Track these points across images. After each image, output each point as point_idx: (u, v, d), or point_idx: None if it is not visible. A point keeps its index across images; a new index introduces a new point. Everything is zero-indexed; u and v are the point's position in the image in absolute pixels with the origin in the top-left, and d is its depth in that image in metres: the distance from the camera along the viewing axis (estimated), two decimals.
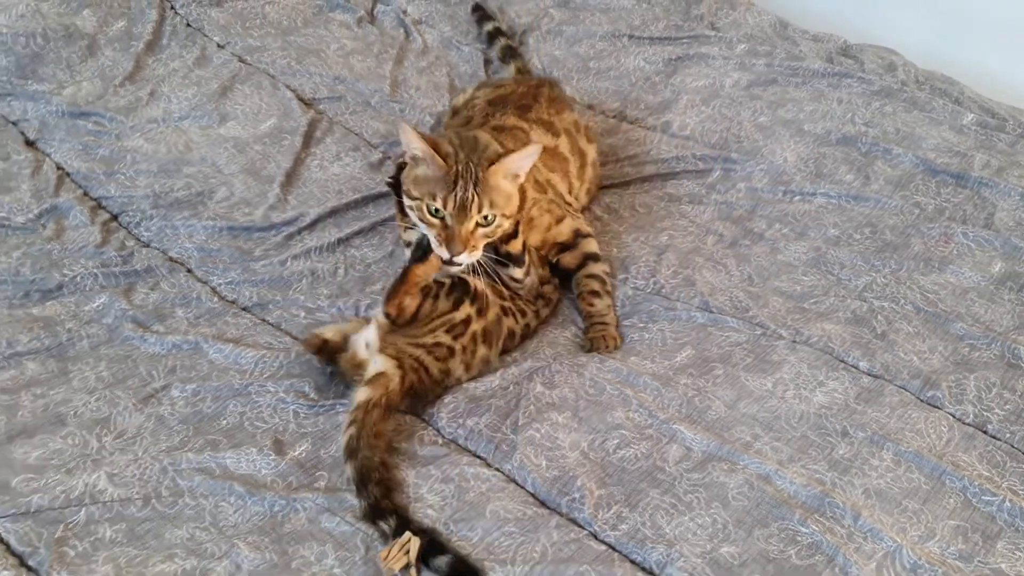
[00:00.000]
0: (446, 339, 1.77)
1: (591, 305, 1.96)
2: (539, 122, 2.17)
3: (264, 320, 1.93)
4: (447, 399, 1.75)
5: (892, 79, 2.66)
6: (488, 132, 1.98)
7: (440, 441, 1.70)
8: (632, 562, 1.48)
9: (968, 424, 1.70)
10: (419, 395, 1.75)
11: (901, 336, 1.87)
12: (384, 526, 1.50)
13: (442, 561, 1.46)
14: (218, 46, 2.71)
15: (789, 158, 2.37)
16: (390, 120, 2.52)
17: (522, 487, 1.61)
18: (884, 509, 1.55)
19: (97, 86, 2.53)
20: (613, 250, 2.13)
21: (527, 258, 1.92)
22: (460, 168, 1.75)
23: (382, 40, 2.85)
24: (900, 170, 2.31)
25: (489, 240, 1.82)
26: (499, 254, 1.88)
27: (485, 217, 1.77)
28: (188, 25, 2.75)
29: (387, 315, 1.75)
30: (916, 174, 2.29)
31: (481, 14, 2.93)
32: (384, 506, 1.53)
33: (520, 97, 2.23)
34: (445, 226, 1.77)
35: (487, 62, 2.80)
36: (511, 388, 1.79)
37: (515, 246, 1.89)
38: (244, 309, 1.96)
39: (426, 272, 1.79)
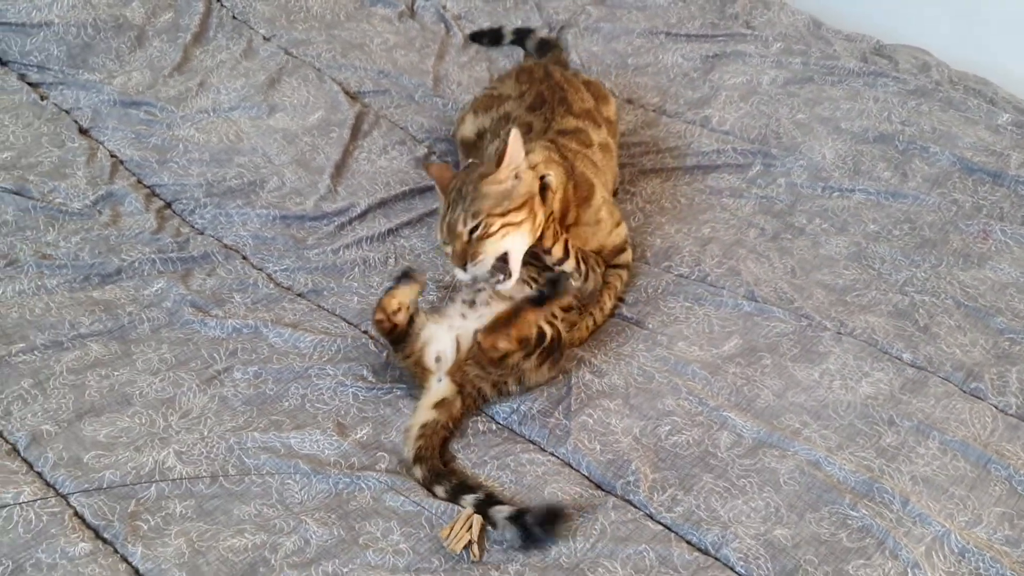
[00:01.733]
0: (512, 382, 1.79)
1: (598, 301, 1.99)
2: (585, 115, 2.21)
3: (319, 306, 1.98)
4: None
5: (926, 79, 2.69)
6: (553, 138, 2.04)
7: (494, 427, 1.75)
8: (688, 542, 1.53)
9: (1011, 415, 1.74)
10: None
11: (943, 329, 1.91)
12: (464, 502, 1.57)
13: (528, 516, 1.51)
14: (264, 38, 2.76)
15: (827, 155, 2.41)
16: (434, 115, 2.56)
17: (577, 470, 1.66)
18: (931, 495, 1.59)
19: (146, 76, 2.57)
20: (657, 240, 2.18)
21: (581, 266, 1.92)
22: (452, 197, 1.80)
23: (423, 35, 2.89)
24: (937, 168, 2.35)
25: (493, 242, 1.76)
26: (550, 271, 1.89)
27: (475, 228, 1.76)
28: (234, 17, 2.79)
29: (479, 344, 1.72)
30: (953, 172, 2.33)
31: (492, 36, 2.96)
32: (456, 484, 1.60)
33: (552, 91, 2.26)
34: (449, 250, 1.80)
35: (527, 56, 2.84)
36: (560, 376, 1.83)
37: (556, 252, 1.88)
38: (300, 295, 2.01)
39: (537, 318, 1.74)
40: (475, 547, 1.49)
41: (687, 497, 1.59)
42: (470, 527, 1.50)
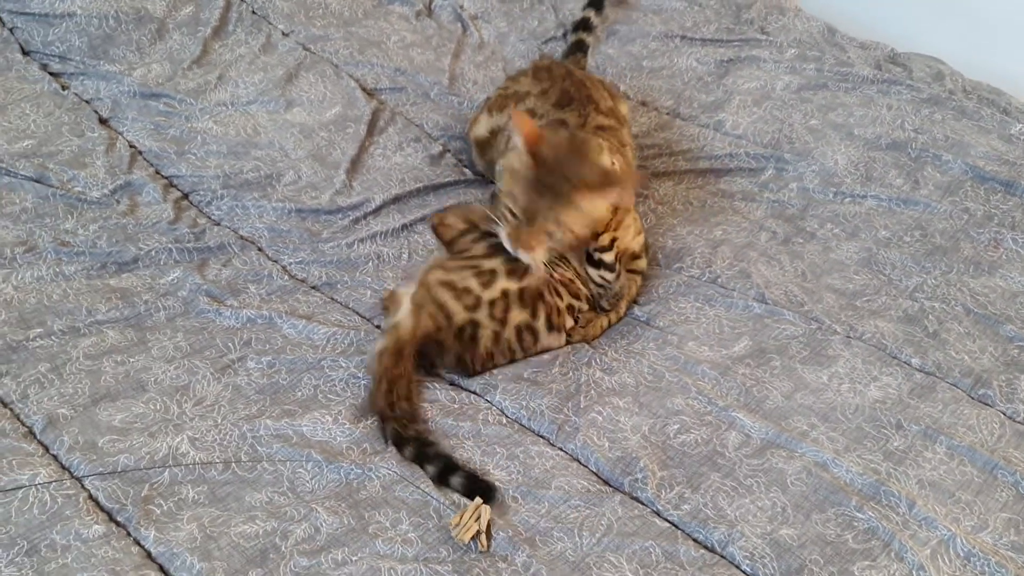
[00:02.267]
0: (474, 284, 1.83)
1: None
2: (611, 113, 2.22)
3: (333, 299, 2.00)
4: (509, 385, 1.82)
5: (940, 87, 2.70)
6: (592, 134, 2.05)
7: (504, 421, 1.76)
8: (695, 540, 1.54)
9: (1019, 422, 1.75)
10: (440, 344, 1.82)
11: (952, 336, 1.93)
12: (407, 452, 1.65)
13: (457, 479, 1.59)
14: (283, 34, 2.78)
15: (840, 161, 2.42)
16: (449, 113, 2.58)
17: (585, 466, 1.68)
18: (938, 499, 1.60)
19: (166, 68, 2.60)
20: (668, 242, 2.19)
21: (617, 264, 1.97)
22: (541, 176, 1.78)
23: (440, 34, 2.91)
24: (949, 176, 2.36)
25: (553, 247, 1.84)
26: (591, 258, 1.94)
27: (551, 234, 1.81)
28: (254, 12, 2.81)
29: (431, 224, 1.97)
30: (965, 180, 2.34)
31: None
32: (408, 434, 1.66)
33: (577, 89, 2.27)
34: (516, 224, 1.82)
35: (541, 58, 2.86)
36: (570, 374, 1.85)
37: (608, 257, 1.94)
38: (314, 288, 2.03)
39: (480, 213, 1.91)
40: (483, 537, 1.51)
41: (694, 495, 1.61)
42: (478, 517, 1.52)
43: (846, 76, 2.74)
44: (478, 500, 1.55)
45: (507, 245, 1.85)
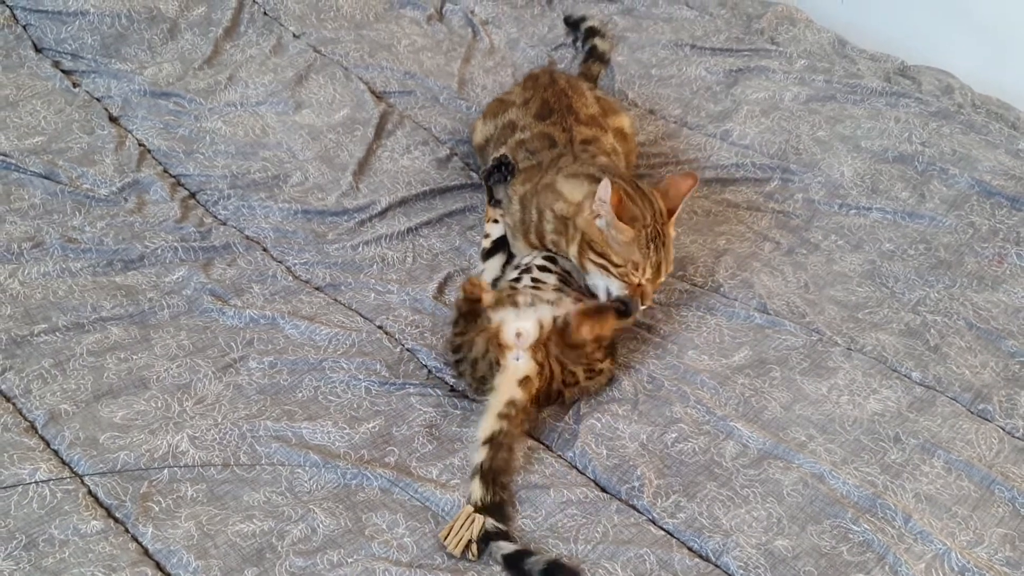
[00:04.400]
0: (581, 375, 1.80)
1: None
2: (591, 121, 2.24)
3: (336, 300, 2.00)
4: None
5: (949, 101, 2.70)
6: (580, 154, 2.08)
7: None
8: (689, 549, 1.55)
9: (1018, 438, 1.75)
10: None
11: (953, 350, 1.92)
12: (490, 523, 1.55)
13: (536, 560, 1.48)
14: (294, 36, 2.80)
15: (846, 172, 2.42)
16: (458, 117, 2.59)
17: (583, 473, 1.68)
18: (934, 513, 1.60)
19: (177, 68, 2.62)
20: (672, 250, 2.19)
21: None
22: (649, 232, 1.83)
23: (450, 38, 2.92)
24: (955, 190, 2.36)
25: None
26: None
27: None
28: (265, 14, 2.83)
29: (565, 323, 1.76)
30: (971, 195, 2.34)
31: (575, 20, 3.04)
32: (498, 501, 1.59)
33: (557, 98, 2.27)
34: (639, 284, 1.84)
35: (551, 64, 2.87)
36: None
37: None
38: (317, 289, 2.03)
39: (619, 327, 1.84)
40: (474, 546, 1.51)
41: (690, 504, 1.61)
42: (470, 525, 1.52)
43: (855, 88, 2.74)
44: (468, 508, 1.55)
45: (634, 304, 1.84)
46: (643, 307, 1.87)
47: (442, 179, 2.37)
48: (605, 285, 1.87)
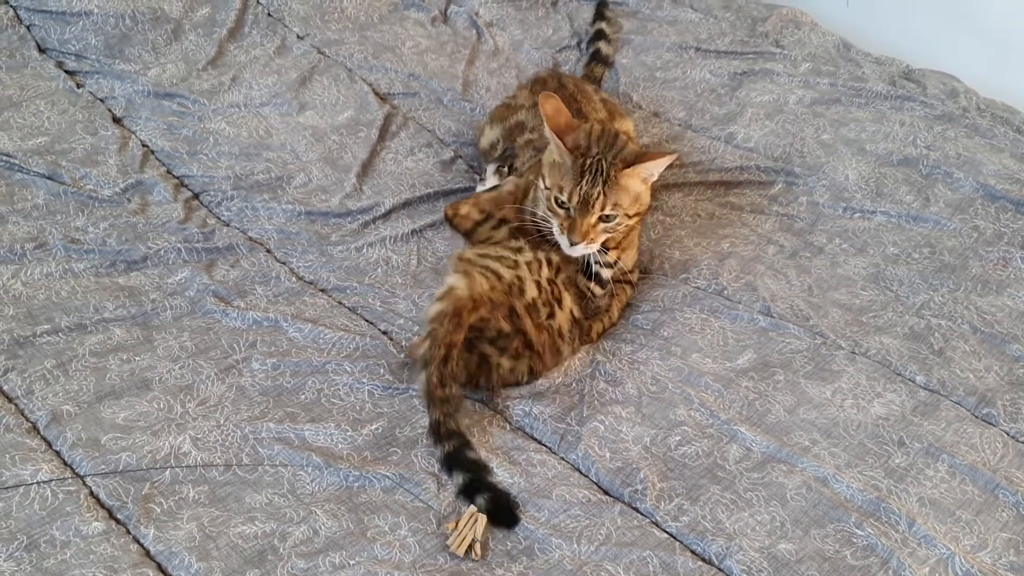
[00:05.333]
0: (509, 254, 1.87)
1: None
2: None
3: (341, 303, 2.00)
4: (513, 392, 1.82)
5: (954, 105, 2.70)
6: None
7: (508, 428, 1.77)
8: (692, 552, 1.54)
9: (1022, 442, 1.75)
10: (494, 304, 1.79)
11: (958, 354, 1.92)
12: (445, 447, 1.63)
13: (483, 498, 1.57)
14: (298, 37, 2.80)
15: (850, 176, 2.41)
16: (462, 119, 2.59)
17: (586, 476, 1.68)
18: (938, 518, 1.59)
19: (181, 69, 2.62)
20: (675, 253, 2.19)
21: (610, 286, 1.98)
22: (589, 162, 1.81)
23: (455, 40, 2.92)
24: (960, 194, 2.35)
25: (608, 235, 1.88)
26: (589, 271, 1.95)
27: (607, 216, 1.84)
28: (269, 15, 2.83)
29: (445, 216, 2.00)
30: (976, 198, 2.33)
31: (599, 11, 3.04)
32: (448, 427, 1.65)
33: (567, 103, 2.28)
34: (568, 216, 1.84)
35: (555, 66, 2.86)
36: (574, 385, 1.85)
37: (606, 274, 1.96)
38: (322, 291, 2.03)
39: (491, 201, 1.96)
40: (477, 546, 1.51)
41: (693, 507, 1.61)
42: (474, 524, 1.52)
43: (860, 91, 2.74)
44: (473, 508, 1.55)
45: (563, 241, 1.85)
46: (572, 245, 1.83)
47: (446, 181, 2.36)
48: (543, 213, 1.89)
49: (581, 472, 1.68)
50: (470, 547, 1.51)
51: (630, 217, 1.87)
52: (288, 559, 1.48)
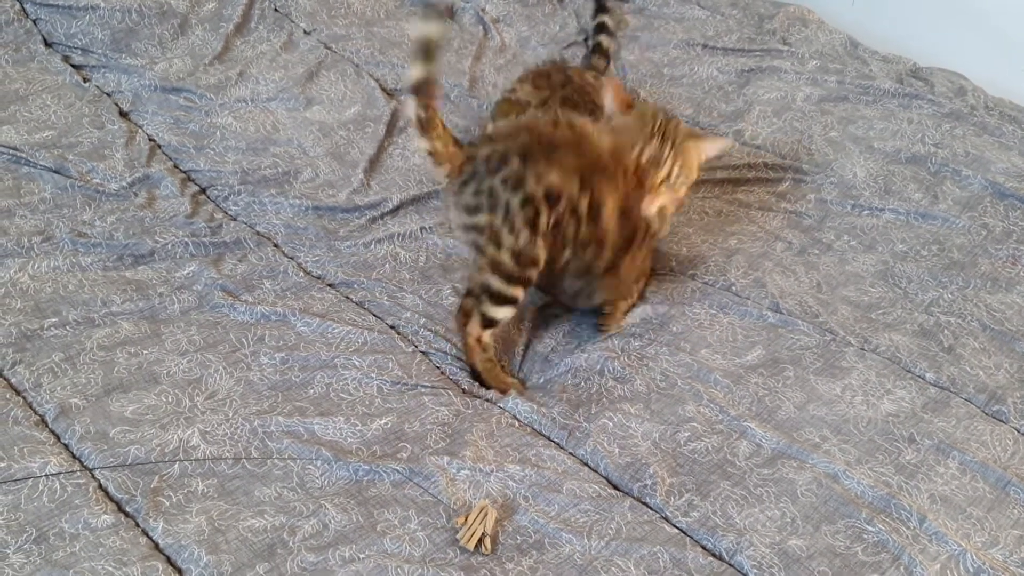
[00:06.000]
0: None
1: None
2: None
3: (348, 298, 2.00)
4: (524, 391, 1.81)
5: (962, 103, 2.69)
6: None
7: (517, 425, 1.76)
8: (703, 547, 1.54)
9: None
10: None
11: (967, 351, 1.91)
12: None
13: None
14: (304, 32, 2.79)
15: (859, 173, 2.41)
16: (469, 116, 2.59)
17: (595, 471, 1.67)
18: (949, 514, 1.59)
19: (187, 63, 2.61)
20: (683, 249, 2.19)
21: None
22: (658, 125, 1.89)
23: (461, 36, 2.92)
24: (969, 191, 2.35)
25: (667, 198, 1.94)
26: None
27: (669, 177, 1.91)
28: (276, 10, 2.83)
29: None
30: (984, 196, 2.33)
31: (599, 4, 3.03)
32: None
33: (579, 95, 2.29)
34: None
35: (561, 61, 2.86)
36: (582, 384, 1.84)
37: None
38: (330, 285, 2.03)
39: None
40: (487, 540, 1.50)
41: (704, 503, 1.60)
42: (484, 518, 1.52)
43: (867, 89, 2.74)
44: (484, 502, 1.54)
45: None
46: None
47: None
48: None
49: (591, 467, 1.68)
50: (480, 541, 1.51)
51: (680, 190, 1.95)
52: (298, 553, 1.47)
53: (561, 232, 1.83)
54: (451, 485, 1.60)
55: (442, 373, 1.86)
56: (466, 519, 1.53)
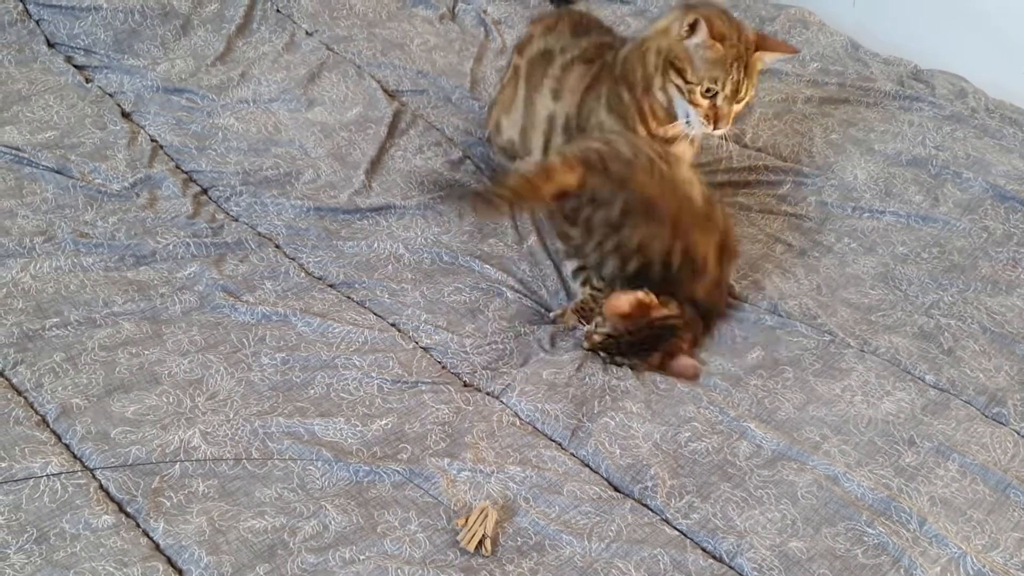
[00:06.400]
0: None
1: None
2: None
3: (349, 298, 2.00)
4: (527, 387, 1.81)
5: (963, 105, 2.70)
6: None
7: (518, 423, 1.76)
8: (703, 549, 1.54)
9: None
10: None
11: (967, 353, 1.92)
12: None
13: None
14: (306, 33, 2.80)
15: (859, 175, 2.41)
16: (470, 117, 2.59)
17: (596, 472, 1.67)
18: (949, 517, 1.59)
19: (190, 64, 2.62)
20: None
21: None
22: (736, 52, 1.94)
23: (463, 38, 2.92)
24: (969, 194, 2.35)
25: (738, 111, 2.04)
26: None
27: (744, 99, 2.00)
28: (278, 11, 2.83)
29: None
30: (985, 199, 2.33)
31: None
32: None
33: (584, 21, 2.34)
34: (714, 106, 1.98)
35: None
36: (587, 380, 1.84)
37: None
38: (331, 286, 2.03)
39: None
40: (488, 542, 1.50)
41: (704, 504, 1.60)
42: (484, 520, 1.52)
43: (868, 91, 2.74)
44: (484, 503, 1.54)
45: (706, 129, 2.01)
46: (718, 132, 2.00)
47: (455, 179, 2.36)
48: (684, 109, 2.03)
49: (591, 468, 1.68)
50: (480, 543, 1.51)
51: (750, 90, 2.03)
52: (298, 554, 1.48)
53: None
54: (452, 487, 1.60)
55: (443, 367, 1.86)
56: (466, 520, 1.53)
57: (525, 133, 2.27)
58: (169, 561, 1.46)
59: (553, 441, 1.73)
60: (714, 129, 1.99)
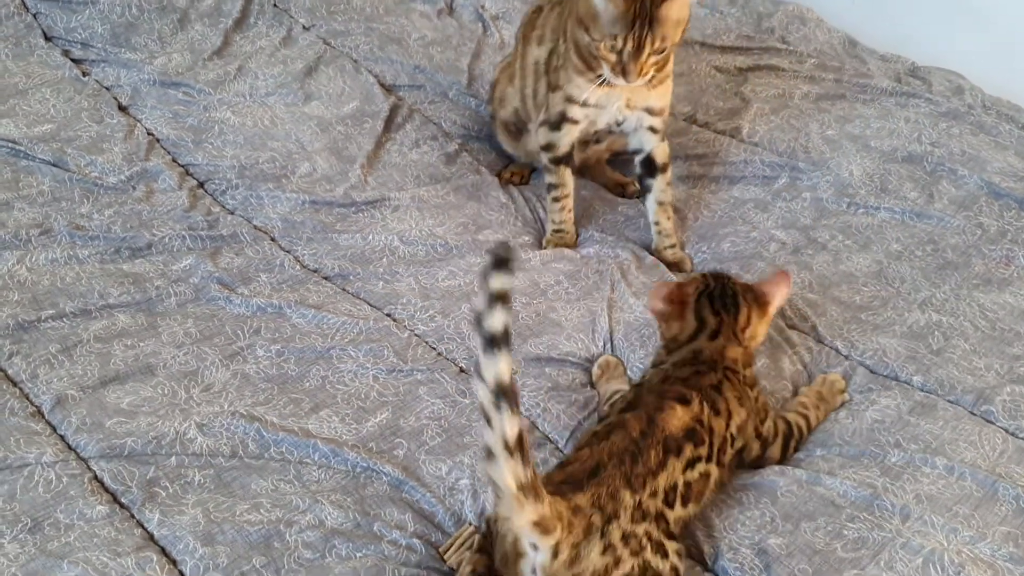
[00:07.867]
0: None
1: None
2: None
3: (344, 290, 2.01)
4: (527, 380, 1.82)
5: (959, 102, 2.70)
6: None
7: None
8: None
9: (1022, 438, 1.74)
10: None
11: (957, 352, 1.91)
12: None
13: None
14: (304, 27, 2.80)
15: (855, 172, 2.42)
16: (467, 113, 2.59)
17: None
18: (935, 511, 1.58)
19: (187, 58, 2.62)
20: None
21: None
22: (637, 7, 1.89)
23: (461, 33, 2.92)
24: (964, 191, 2.35)
25: (657, 64, 1.98)
26: None
27: (659, 50, 1.95)
28: (275, 5, 2.84)
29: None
30: (980, 196, 2.33)
31: None
32: None
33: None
34: (620, 61, 1.95)
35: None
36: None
37: None
38: (325, 278, 2.04)
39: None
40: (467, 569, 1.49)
41: None
42: (471, 546, 1.50)
43: (865, 87, 2.74)
44: (471, 528, 1.54)
45: (619, 80, 1.97)
46: (630, 84, 1.97)
47: (451, 174, 2.37)
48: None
49: None
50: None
51: (674, 44, 1.98)
52: (295, 548, 1.48)
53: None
54: (450, 495, 1.61)
55: (438, 354, 1.87)
56: (452, 545, 1.52)
57: (526, 101, 2.28)
58: (163, 551, 1.48)
59: (549, 440, 1.73)
60: (626, 81, 1.97)
